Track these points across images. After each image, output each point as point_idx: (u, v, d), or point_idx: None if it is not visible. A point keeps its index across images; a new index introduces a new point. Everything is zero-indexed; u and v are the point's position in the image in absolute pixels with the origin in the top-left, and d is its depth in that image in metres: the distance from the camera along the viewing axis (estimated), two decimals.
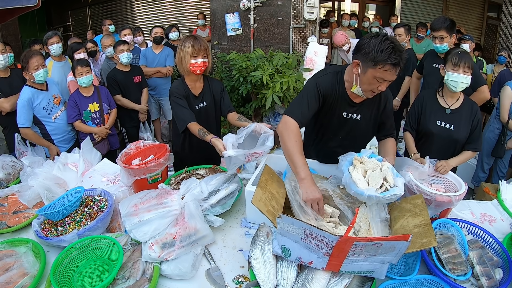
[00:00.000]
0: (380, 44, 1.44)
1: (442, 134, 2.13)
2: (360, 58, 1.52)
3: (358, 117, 1.76)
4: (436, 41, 2.83)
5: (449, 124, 2.12)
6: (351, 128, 1.79)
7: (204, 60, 2.07)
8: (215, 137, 1.87)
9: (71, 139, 3.05)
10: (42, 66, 2.68)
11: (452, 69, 2.05)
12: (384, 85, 1.53)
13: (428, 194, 1.54)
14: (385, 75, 1.48)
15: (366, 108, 1.75)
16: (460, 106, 2.14)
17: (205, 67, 2.09)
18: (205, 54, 2.07)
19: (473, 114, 2.10)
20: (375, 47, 1.45)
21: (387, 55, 1.43)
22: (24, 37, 6.69)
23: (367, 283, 1.22)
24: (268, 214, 1.28)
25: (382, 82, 1.51)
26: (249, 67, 4.18)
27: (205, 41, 2.09)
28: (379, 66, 1.46)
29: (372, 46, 1.46)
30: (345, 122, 1.77)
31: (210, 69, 5.66)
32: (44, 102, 2.79)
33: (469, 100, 2.18)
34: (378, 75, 1.48)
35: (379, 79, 1.50)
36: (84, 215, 1.67)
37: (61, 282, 1.30)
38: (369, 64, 1.48)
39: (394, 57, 1.43)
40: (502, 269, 1.35)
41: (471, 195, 3.37)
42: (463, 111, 2.12)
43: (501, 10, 5.45)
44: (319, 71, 1.81)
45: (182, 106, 2.07)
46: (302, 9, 4.72)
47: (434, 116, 2.16)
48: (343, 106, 1.72)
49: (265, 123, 1.91)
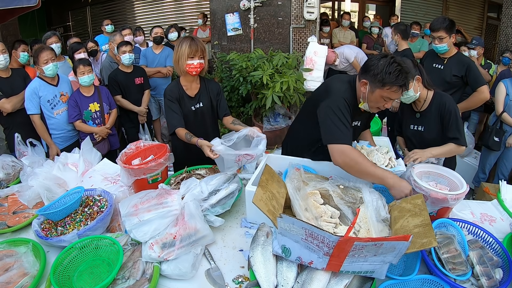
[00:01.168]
0: (388, 67, 1.52)
1: (416, 137, 2.19)
2: (369, 79, 1.59)
3: (358, 123, 1.90)
4: (435, 42, 2.82)
5: (420, 126, 2.16)
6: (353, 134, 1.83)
7: (201, 61, 2.07)
8: (200, 138, 1.89)
9: (69, 138, 3.05)
10: (51, 60, 2.75)
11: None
12: (390, 102, 1.63)
13: (424, 189, 1.54)
14: (392, 95, 1.57)
15: (364, 115, 1.89)
16: (428, 106, 2.11)
17: (201, 68, 2.10)
18: (202, 56, 2.08)
19: (440, 109, 2.05)
20: (383, 69, 1.53)
21: (395, 77, 1.51)
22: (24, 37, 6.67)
23: (367, 283, 1.22)
24: (268, 214, 1.28)
25: (388, 100, 1.61)
26: (249, 67, 4.17)
27: (202, 43, 2.10)
28: (386, 87, 1.54)
29: (380, 67, 1.53)
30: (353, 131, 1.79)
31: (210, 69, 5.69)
32: (49, 95, 2.83)
33: (437, 96, 2.10)
34: (385, 95, 1.58)
35: (386, 99, 1.60)
36: (84, 215, 1.67)
37: (61, 282, 1.30)
38: (377, 84, 1.56)
39: (401, 79, 1.52)
40: (502, 269, 1.35)
41: (471, 195, 3.38)
42: (432, 111, 2.10)
43: (501, 10, 5.44)
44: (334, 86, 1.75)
45: (172, 111, 2.10)
46: (302, 9, 4.72)
47: (408, 122, 2.22)
48: (355, 115, 1.80)
49: (258, 128, 1.92)
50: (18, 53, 3.25)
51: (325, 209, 1.48)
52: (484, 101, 2.74)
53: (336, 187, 1.56)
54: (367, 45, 5.83)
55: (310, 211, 1.44)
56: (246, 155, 1.74)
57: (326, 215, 1.46)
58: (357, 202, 1.52)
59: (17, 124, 2.89)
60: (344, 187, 1.58)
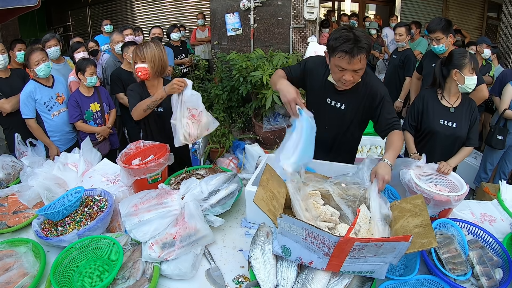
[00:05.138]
0: (337, 33, 1.51)
1: (446, 133, 2.17)
2: (327, 48, 1.60)
3: (342, 106, 1.80)
4: (433, 43, 2.83)
5: (451, 122, 2.16)
6: (334, 117, 1.83)
7: (142, 65, 2.09)
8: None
9: (69, 141, 3.04)
10: (43, 61, 2.71)
11: (471, 73, 2.07)
12: (347, 74, 1.55)
13: (426, 192, 1.54)
14: (341, 62, 1.51)
15: (353, 98, 1.76)
16: (460, 104, 2.18)
17: (144, 74, 2.11)
18: (143, 60, 2.09)
19: (471, 111, 2.17)
20: (333, 36, 1.52)
21: (339, 42, 1.48)
22: (24, 37, 6.68)
23: (367, 283, 1.22)
24: (269, 214, 1.28)
25: (342, 70, 1.54)
26: (249, 67, 4.17)
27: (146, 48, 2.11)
28: (335, 53, 1.51)
29: (332, 35, 1.54)
30: (329, 109, 1.81)
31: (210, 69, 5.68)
32: (45, 97, 2.80)
33: (467, 98, 2.22)
34: (336, 62, 1.54)
35: (339, 68, 1.55)
36: (84, 215, 1.67)
37: (61, 282, 1.30)
38: (330, 53, 1.56)
39: (346, 45, 1.46)
40: (502, 269, 1.35)
41: (471, 195, 3.37)
42: (464, 109, 2.17)
43: (501, 10, 5.44)
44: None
45: (133, 98, 2.14)
46: (302, 9, 4.72)
47: (438, 116, 2.18)
48: (327, 91, 1.78)
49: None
50: (15, 53, 3.25)
51: (325, 210, 1.48)
52: (483, 100, 2.74)
53: (336, 187, 1.56)
54: None
55: (310, 212, 1.43)
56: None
57: (326, 215, 1.46)
58: (358, 201, 1.51)
59: (17, 124, 2.87)
60: (345, 185, 1.57)
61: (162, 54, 2.15)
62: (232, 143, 4.52)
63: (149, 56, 2.10)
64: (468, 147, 2.17)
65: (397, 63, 3.85)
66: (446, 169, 1.80)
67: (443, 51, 2.78)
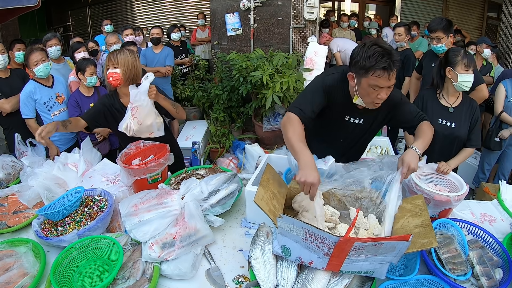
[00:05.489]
0: (367, 51, 1.41)
1: (444, 132, 2.16)
2: (353, 70, 1.50)
3: (360, 121, 1.74)
4: (433, 42, 2.83)
5: (450, 122, 2.15)
6: (352, 131, 1.78)
7: (114, 71, 2.05)
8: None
9: (69, 140, 3.04)
10: (42, 61, 2.70)
11: (464, 70, 2.07)
12: (383, 92, 1.47)
13: (427, 193, 1.54)
14: (379, 81, 1.43)
15: (370, 113, 1.70)
16: (460, 104, 2.18)
17: (116, 79, 2.06)
18: (116, 66, 2.05)
19: (472, 111, 2.16)
20: (363, 55, 1.43)
21: (375, 60, 1.40)
22: (24, 37, 6.68)
23: (367, 283, 1.22)
24: (269, 214, 1.28)
25: (378, 89, 1.46)
26: (249, 67, 4.17)
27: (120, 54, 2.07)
28: (370, 73, 1.42)
29: (360, 55, 1.44)
30: (347, 125, 1.76)
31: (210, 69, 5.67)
32: (45, 97, 2.81)
33: (468, 98, 2.22)
34: (372, 82, 1.44)
35: (375, 87, 1.46)
36: (84, 215, 1.67)
37: (61, 282, 1.30)
38: (361, 73, 1.45)
39: (383, 61, 1.39)
40: (502, 269, 1.35)
41: (471, 195, 3.37)
42: (464, 109, 2.17)
43: (501, 10, 5.44)
44: (329, 69, 1.79)
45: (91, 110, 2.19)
46: (302, 9, 4.72)
47: (436, 115, 2.18)
48: (346, 110, 1.69)
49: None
50: (14, 53, 3.24)
51: (326, 210, 1.48)
52: (483, 100, 2.74)
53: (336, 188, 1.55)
54: None
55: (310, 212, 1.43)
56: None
57: (326, 215, 1.46)
58: (357, 204, 1.51)
59: (16, 124, 2.88)
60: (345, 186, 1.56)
61: (136, 61, 2.11)
62: (232, 143, 4.52)
63: (122, 62, 2.05)
64: (469, 148, 2.16)
65: None
66: (446, 169, 1.80)
67: (443, 51, 2.78)
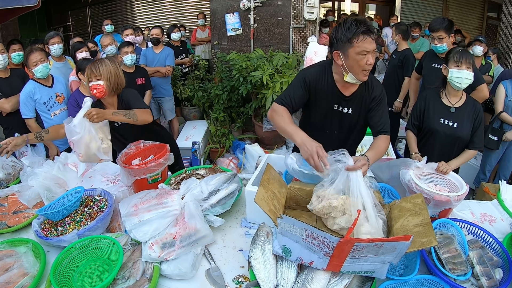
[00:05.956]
0: (344, 26, 1.58)
1: (446, 132, 2.16)
2: (337, 48, 1.62)
3: (349, 111, 1.80)
4: (435, 42, 2.83)
5: (452, 122, 2.15)
6: (342, 122, 1.84)
7: (97, 83, 2.03)
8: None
9: None
10: (41, 61, 2.70)
11: (455, 66, 2.08)
12: (370, 56, 1.59)
13: (427, 193, 1.54)
14: (364, 45, 1.56)
15: (357, 101, 1.78)
16: (463, 104, 2.17)
17: (100, 91, 2.04)
18: (99, 78, 2.03)
19: (475, 113, 2.14)
20: (342, 30, 1.58)
21: (355, 29, 1.55)
22: (24, 37, 6.69)
23: (367, 283, 1.22)
24: (270, 214, 1.28)
25: (366, 54, 1.58)
26: (249, 67, 4.18)
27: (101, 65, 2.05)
28: (354, 41, 1.55)
29: (340, 32, 1.59)
30: (337, 115, 1.82)
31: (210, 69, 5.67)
32: (45, 97, 2.81)
33: (471, 99, 2.21)
34: (358, 49, 1.57)
35: (362, 53, 1.57)
36: (84, 215, 1.67)
37: (61, 282, 1.30)
38: (347, 46, 1.58)
39: (361, 27, 1.55)
40: (502, 269, 1.35)
41: (471, 195, 3.37)
42: (466, 110, 2.16)
43: (501, 10, 5.45)
44: (311, 66, 1.89)
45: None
46: (302, 9, 4.72)
47: (438, 115, 2.18)
48: (334, 99, 1.78)
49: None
50: (10, 54, 3.24)
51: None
52: (484, 99, 2.74)
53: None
54: None
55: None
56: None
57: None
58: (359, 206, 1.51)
59: (16, 124, 2.87)
60: None
61: (118, 70, 2.09)
62: (232, 143, 4.52)
63: (104, 73, 2.03)
64: (471, 150, 2.15)
65: (396, 63, 3.86)
66: (445, 168, 1.80)
67: (444, 51, 2.78)
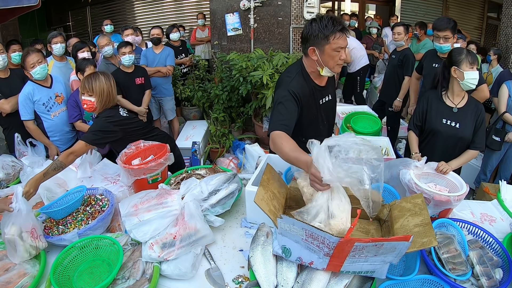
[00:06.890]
0: (321, 23, 1.62)
1: (449, 132, 2.16)
2: (313, 44, 1.67)
3: (329, 96, 1.95)
4: (440, 41, 2.83)
5: (454, 122, 2.15)
6: (328, 110, 1.95)
7: (88, 99, 2.05)
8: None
9: (69, 140, 3.03)
10: (38, 63, 2.69)
11: (469, 67, 2.07)
12: (343, 52, 1.67)
13: (427, 193, 1.54)
14: (339, 42, 1.63)
15: (331, 84, 1.95)
16: (466, 105, 2.16)
17: (90, 107, 2.07)
18: (91, 94, 2.05)
19: (477, 113, 2.14)
20: (319, 28, 1.62)
21: (332, 26, 1.60)
22: (24, 37, 6.69)
23: (367, 283, 1.22)
24: (270, 214, 1.28)
25: (340, 50, 1.65)
26: (249, 67, 4.17)
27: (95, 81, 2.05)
28: (331, 38, 1.61)
29: (316, 28, 1.63)
30: (323, 107, 1.91)
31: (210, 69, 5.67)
32: (44, 98, 2.80)
33: (473, 99, 2.20)
34: (334, 46, 1.63)
35: (337, 49, 1.65)
36: (85, 214, 1.67)
37: (61, 282, 1.30)
38: (323, 42, 1.63)
39: (338, 25, 1.61)
40: (502, 269, 1.35)
41: (471, 195, 3.37)
42: (469, 110, 2.15)
43: (501, 10, 5.45)
44: (283, 80, 1.83)
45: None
46: (302, 9, 4.72)
47: (441, 115, 2.18)
48: (317, 95, 1.86)
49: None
50: (9, 55, 3.24)
51: None
52: (484, 100, 2.75)
53: None
54: (367, 45, 5.83)
55: None
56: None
57: None
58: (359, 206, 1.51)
59: (16, 124, 2.87)
60: None
61: (112, 88, 2.09)
62: (232, 143, 4.52)
63: (97, 90, 2.04)
64: (472, 150, 2.14)
65: (396, 63, 3.86)
66: (445, 168, 1.80)
67: (448, 50, 2.79)
